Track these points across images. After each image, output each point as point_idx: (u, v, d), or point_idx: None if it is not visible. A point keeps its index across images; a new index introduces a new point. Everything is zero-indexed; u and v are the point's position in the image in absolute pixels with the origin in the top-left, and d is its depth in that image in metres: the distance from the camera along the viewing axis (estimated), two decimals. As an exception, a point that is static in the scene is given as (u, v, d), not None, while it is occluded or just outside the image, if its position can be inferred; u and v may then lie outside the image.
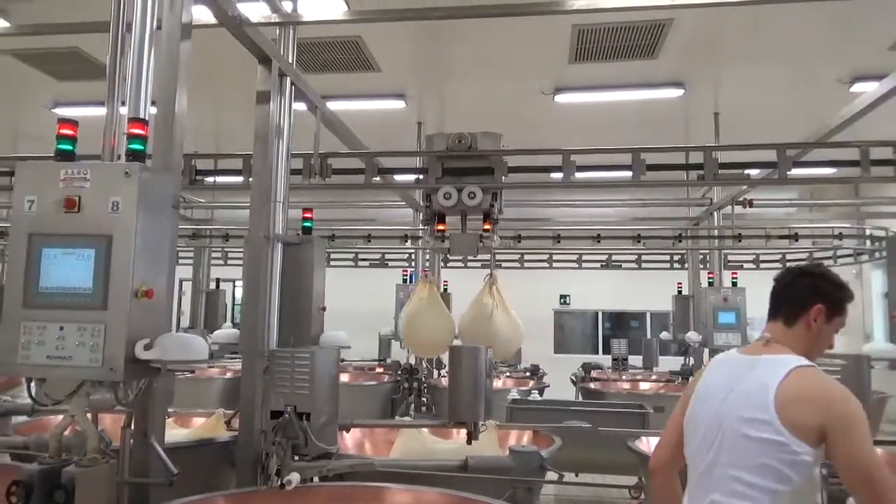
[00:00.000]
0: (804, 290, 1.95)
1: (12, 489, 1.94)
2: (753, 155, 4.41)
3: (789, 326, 1.93)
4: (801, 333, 1.92)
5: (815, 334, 1.92)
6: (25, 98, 7.39)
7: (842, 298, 1.97)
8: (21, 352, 1.94)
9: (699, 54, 5.97)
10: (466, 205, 3.98)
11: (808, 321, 1.91)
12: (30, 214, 1.98)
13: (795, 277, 2.00)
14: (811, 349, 1.93)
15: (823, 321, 1.92)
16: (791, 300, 1.96)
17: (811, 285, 1.95)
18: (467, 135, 4.13)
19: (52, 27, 4.05)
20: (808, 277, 1.98)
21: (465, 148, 4.07)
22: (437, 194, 3.96)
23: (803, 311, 1.92)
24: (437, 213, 4.10)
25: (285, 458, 2.58)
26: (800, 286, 1.97)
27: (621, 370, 8.33)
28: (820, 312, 1.91)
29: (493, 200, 4.09)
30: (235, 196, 8.39)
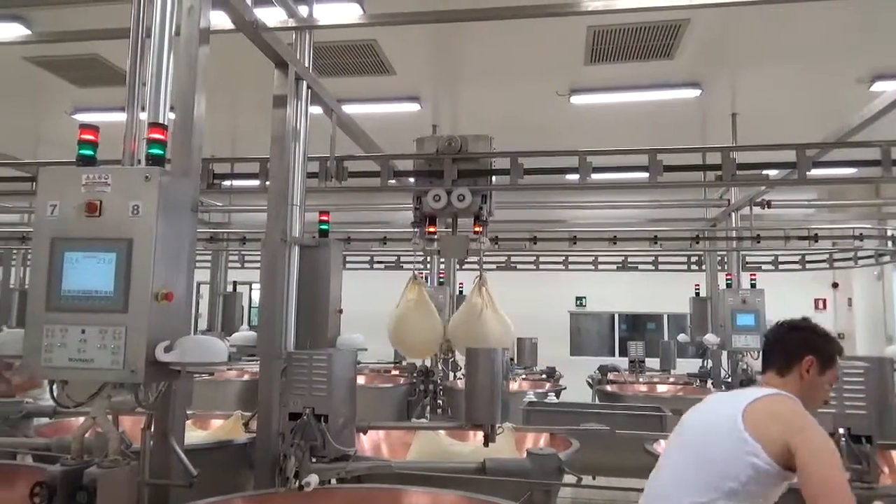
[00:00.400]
0: (795, 343, 2.07)
1: (36, 490, 1.96)
2: (771, 155, 4.37)
3: (782, 377, 2.04)
4: (794, 383, 2.02)
5: (809, 385, 2.02)
6: (46, 104, 7.50)
7: (832, 351, 2.08)
8: (44, 354, 1.97)
9: (716, 54, 5.92)
10: (456, 207, 4.01)
11: (801, 372, 2.02)
12: (52, 219, 2.00)
13: (786, 332, 2.13)
14: (806, 400, 1.99)
15: (816, 373, 2.02)
16: (783, 353, 2.07)
17: (801, 339, 2.08)
18: (457, 137, 4.17)
19: (72, 34, 4.13)
20: (798, 331, 2.11)
21: (454, 150, 4.11)
22: (427, 196, 4.00)
23: (795, 362, 2.03)
24: (428, 215, 4.13)
25: (304, 459, 2.59)
26: (791, 339, 2.09)
27: (638, 372, 8.27)
28: (811, 364, 2.02)
29: (482, 203, 4.11)
30: (252, 199, 8.44)
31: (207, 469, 2.34)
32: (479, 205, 4.09)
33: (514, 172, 4.15)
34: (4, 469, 2.88)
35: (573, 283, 12.40)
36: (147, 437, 2.19)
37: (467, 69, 6.44)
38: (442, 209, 4.01)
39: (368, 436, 3.79)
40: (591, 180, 4.16)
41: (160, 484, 2.24)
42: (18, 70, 6.36)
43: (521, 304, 12.10)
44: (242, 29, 3.00)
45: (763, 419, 1.86)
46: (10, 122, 8.16)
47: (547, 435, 4.00)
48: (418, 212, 4.16)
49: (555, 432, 3.95)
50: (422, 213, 4.13)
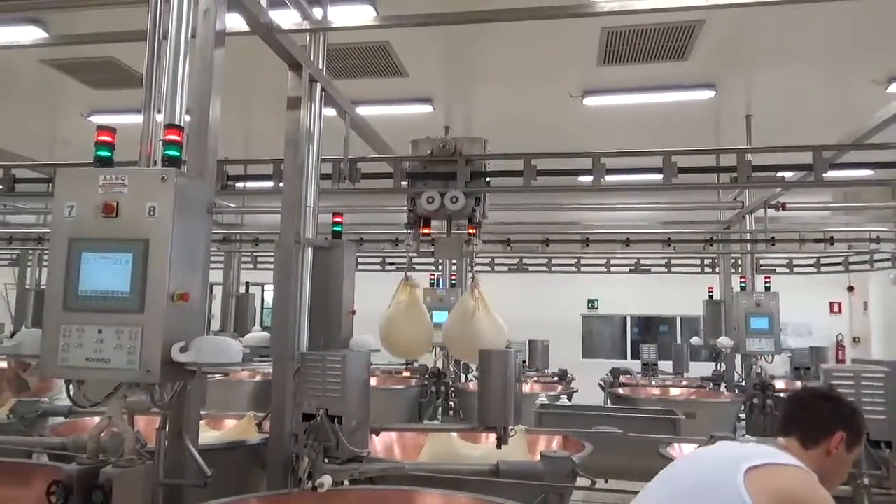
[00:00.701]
0: (826, 415, 1.90)
1: (52, 489, 1.97)
2: (786, 157, 4.33)
3: (807, 449, 1.86)
4: (819, 459, 1.84)
5: (835, 462, 1.86)
6: (62, 106, 7.58)
7: (861, 428, 1.93)
8: (61, 354, 1.98)
9: (731, 55, 5.88)
10: (449, 209, 4.02)
11: (829, 448, 1.85)
12: (70, 220, 2.02)
13: (815, 399, 1.96)
14: (828, 477, 1.83)
15: (844, 450, 1.87)
16: (812, 424, 1.89)
17: (834, 411, 1.91)
18: (451, 140, 4.19)
19: (89, 37, 4.15)
20: (829, 402, 1.94)
21: (448, 152, 4.13)
22: (420, 198, 4.02)
23: (824, 436, 1.86)
24: (422, 216, 4.15)
25: (317, 460, 2.60)
26: (821, 410, 1.91)
27: (651, 375, 8.22)
28: (841, 440, 1.86)
29: (475, 205, 4.12)
30: (265, 201, 8.48)
31: (220, 469, 2.34)
32: (473, 207, 4.10)
33: (527, 174, 4.14)
34: (21, 468, 2.90)
35: (585, 286, 12.37)
36: (162, 436, 2.20)
37: (480, 71, 6.44)
38: (436, 211, 4.03)
39: (381, 437, 3.79)
40: (605, 182, 4.15)
41: (174, 484, 2.25)
42: (35, 73, 6.43)
43: (533, 307, 12.20)
44: (257, 31, 3.01)
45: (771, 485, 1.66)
46: (26, 124, 8.24)
47: (560, 438, 3.99)
48: (412, 213, 4.19)
49: (567, 435, 3.94)
50: (416, 215, 4.15)
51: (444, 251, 4.24)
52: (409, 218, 4.20)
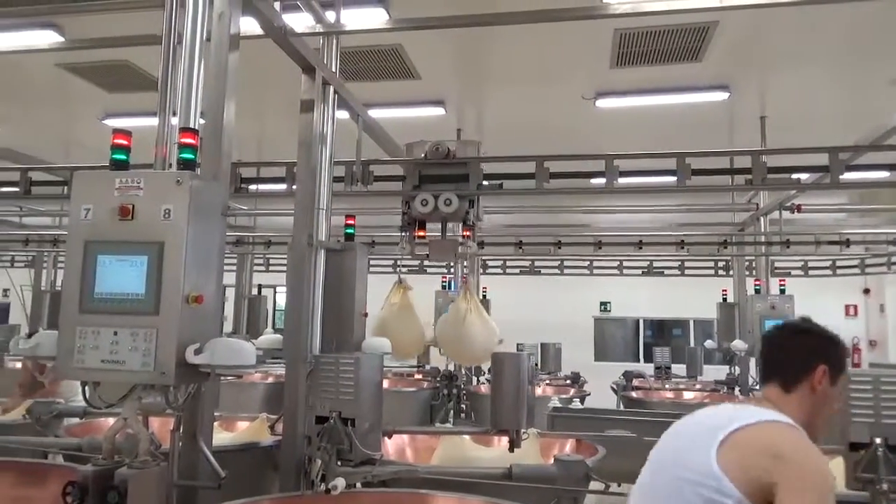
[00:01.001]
0: (804, 351, 1.79)
1: (68, 489, 1.99)
2: (801, 159, 4.30)
3: (788, 392, 1.76)
4: (804, 398, 1.75)
5: (822, 399, 1.77)
6: (77, 109, 7.65)
7: (842, 356, 1.83)
8: (76, 356, 1.99)
9: (745, 57, 5.84)
10: (443, 211, 4.03)
11: (813, 384, 1.75)
12: (86, 222, 2.03)
13: (790, 337, 1.85)
14: (816, 416, 1.76)
15: (828, 384, 1.77)
16: (789, 362, 1.79)
17: (811, 345, 1.80)
18: (446, 143, 4.21)
19: (104, 41, 4.19)
20: (803, 335, 1.83)
21: (441, 156, 4.14)
22: (415, 201, 4.03)
23: (805, 373, 1.76)
24: (416, 219, 4.17)
25: (330, 463, 2.60)
26: (798, 346, 1.81)
27: (664, 379, 8.17)
28: (824, 374, 1.76)
29: (469, 207, 4.13)
30: (277, 203, 8.52)
31: (233, 471, 2.35)
32: (467, 209, 4.12)
33: (540, 176, 4.13)
34: (37, 468, 2.93)
35: (598, 288, 12.32)
36: (176, 438, 2.21)
37: (492, 73, 6.43)
38: (429, 213, 4.04)
39: (393, 440, 3.79)
40: (618, 184, 4.13)
41: (188, 485, 2.26)
42: (51, 76, 6.50)
43: (545, 309, 12.18)
44: (271, 34, 3.02)
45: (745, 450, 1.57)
46: (42, 127, 8.33)
47: (572, 441, 3.97)
48: (406, 216, 4.20)
49: (580, 438, 3.92)
50: (410, 217, 4.17)
51: (439, 253, 4.25)
52: (403, 220, 4.22)
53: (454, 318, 4.17)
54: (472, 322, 4.17)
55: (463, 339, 4.08)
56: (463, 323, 4.12)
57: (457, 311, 4.20)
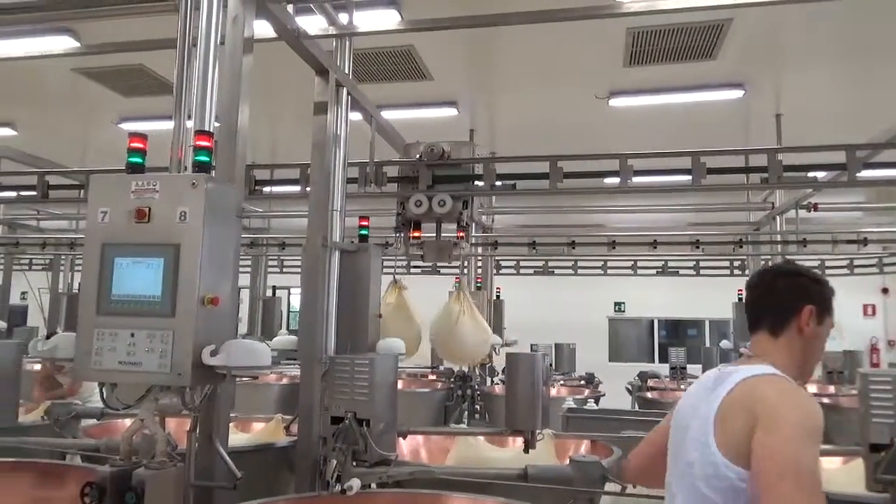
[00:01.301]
0: (788, 292, 1.76)
1: (86, 490, 2.00)
2: (818, 157, 4.25)
3: (776, 336, 1.75)
4: (793, 341, 1.73)
5: (809, 339, 1.74)
6: (93, 114, 7.73)
7: (827, 296, 1.79)
8: (94, 357, 2.00)
9: (760, 54, 5.80)
10: (436, 212, 4.04)
11: (800, 325, 1.73)
12: (103, 225, 2.04)
13: (773, 279, 1.81)
14: (807, 357, 1.76)
15: (815, 323, 1.74)
16: (775, 306, 1.76)
17: (794, 285, 1.77)
18: (441, 144, 4.23)
19: (119, 46, 4.23)
20: (787, 277, 1.80)
21: (436, 157, 4.17)
22: (409, 202, 4.05)
23: (791, 315, 1.73)
24: (411, 220, 4.18)
25: (346, 463, 2.60)
26: (780, 289, 1.78)
27: (680, 379, 8.11)
28: (811, 314, 1.73)
29: (463, 208, 4.14)
30: (291, 205, 8.55)
31: (249, 471, 2.36)
32: (460, 210, 4.12)
33: (553, 176, 4.12)
34: (55, 469, 2.95)
35: (612, 288, 12.27)
36: (193, 439, 2.22)
37: (504, 73, 6.43)
38: (424, 214, 4.06)
39: (407, 441, 3.79)
40: (632, 183, 4.11)
41: (205, 486, 2.27)
42: (67, 81, 6.57)
43: (559, 309, 12.14)
44: (284, 37, 3.04)
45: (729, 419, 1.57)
46: (59, 132, 8.42)
47: (588, 442, 3.94)
48: (400, 217, 4.21)
49: (595, 439, 3.90)
50: (404, 218, 4.18)
51: (433, 254, 4.27)
52: (397, 221, 4.23)
53: (447, 318, 4.20)
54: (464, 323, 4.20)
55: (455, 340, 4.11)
56: (455, 323, 4.14)
57: (449, 311, 4.22)
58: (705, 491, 1.58)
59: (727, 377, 1.70)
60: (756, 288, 1.84)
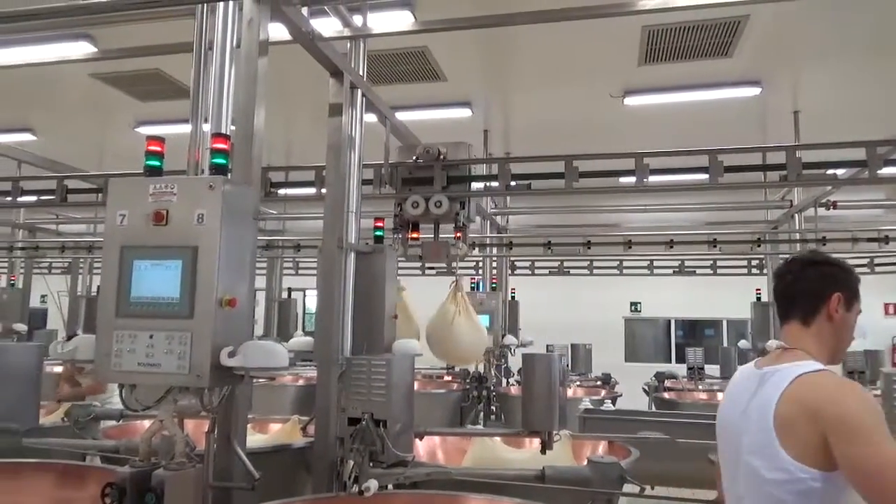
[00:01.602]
0: (816, 281, 1.80)
1: (106, 490, 2.02)
2: (838, 154, 4.19)
3: (807, 325, 1.79)
4: (823, 328, 1.78)
5: (839, 325, 1.78)
6: (110, 118, 7.81)
7: (854, 282, 1.83)
8: (114, 359, 2.03)
9: (777, 51, 5.73)
10: (433, 213, 4.06)
11: (829, 312, 1.77)
12: (122, 228, 2.07)
13: (801, 269, 1.85)
14: (837, 343, 1.79)
15: (844, 310, 1.78)
16: (805, 294, 1.81)
17: (822, 274, 1.81)
18: (436, 146, 4.25)
19: (136, 51, 4.26)
20: (814, 266, 1.84)
21: (433, 158, 4.18)
22: (406, 203, 4.06)
23: (821, 303, 1.77)
24: (409, 221, 4.19)
25: (363, 464, 2.60)
26: (809, 277, 1.82)
27: (697, 379, 8.05)
28: (839, 301, 1.77)
29: (459, 209, 4.14)
30: (306, 207, 8.59)
31: (266, 472, 2.37)
32: (457, 211, 4.14)
33: (569, 176, 4.10)
34: (76, 470, 2.99)
35: (628, 288, 12.20)
36: (211, 440, 2.23)
37: (518, 73, 6.41)
38: (421, 215, 4.08)
39: (424, 442, 3.79)
40: (649, 182, 4.07)
41: (223, 486, 2.28)
42: (85, 86, 6.64)
43: (575, 310, 12.08)
44: (299, 40, 3.04)
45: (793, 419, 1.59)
46: (77, 136, 8.52)
47: (605, 443, 3.92)
48: (398, 218, 4.22)
49: (613, 440, 3.87)
50: (402, 220, 4.19)
51: (431, 255, 4.28)
52: (395, 223, 4.25)
53: (442, 319, 4.20)
54: (459, 323, 4.19)
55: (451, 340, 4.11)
56: (451, 324, 4.14)
57: (445, 312, 4.22)
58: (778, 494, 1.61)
59: (771, 376, 1.72)
60: (785, 277, 1.87)
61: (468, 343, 4.10)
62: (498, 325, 7.26)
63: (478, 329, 4.31)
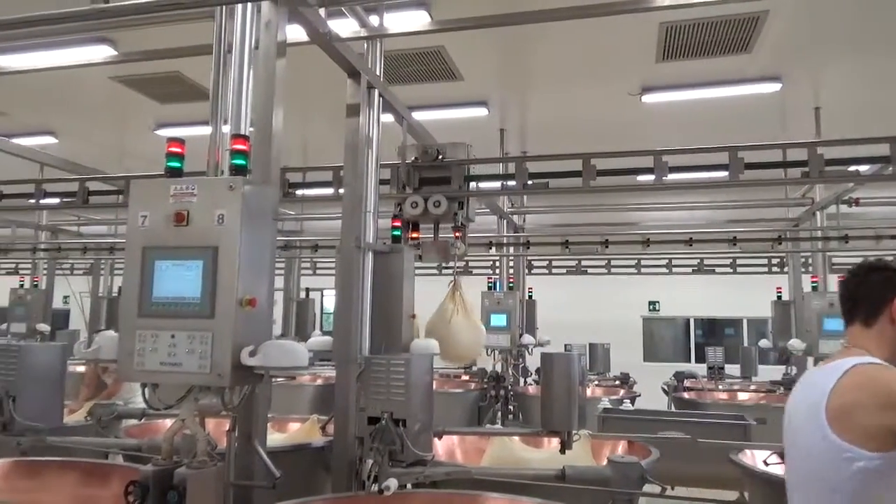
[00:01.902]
0: (879, 286, 1.92)
1: (129, 488, 2.04)
2: (860, 150, 4.13)
3: (869, 326, 1.90)
4: (884, 330, 1.88)
5: None
6: (131, 121, 7.90)
7: None
8: (136, 358, 2.04)
9: (797, 46, 5.66)
10: (432, 213, 4.07)
11: (891, 315, 1.87)
12: (143, 229, 2.08)
13: (866, 274, 1.97)
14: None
15: None
16: (867, 298, 1.92)
17: (885, 279, 1.92)
18: (435, 146, 4.26)
19: (157, 53, 4.31)
20: (879, 272, 1.95)
21: (431, 158, 4.19)
22: (405, 203, 4.07)
23: (882, 305, 1.88)
24: (408, 221, 4.20)
25: (383, 463, 2.61)
26: (873, 282, 1.93)
27: (717, 379, 7.98)
28: None
29: (458, 209, 4.15)
30: (322, 208, 8.63)
31: (286, 471, 2.38)
32: (455, 210, 4.15)
33: (587, 174, 4.08)
34: (99, 468, 3.03)
35: (646, 287, 12.11)
36: (232, 439, 2.25)
37: (535, 71, 6.39)
38: (420, 215, 4.09)
39: (442, 441, 3.79)
40: (668, 180, 4.04)
41: (244, 485, 2.30)
42: (105, 89, 6.72)
43: (593, 309, 12.02)
44: (317, 41, 3.06)
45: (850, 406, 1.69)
46: (97, 139, 8.63)
47: (624, 443, 3.90)
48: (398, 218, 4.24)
49: (633, 440, 3.85)
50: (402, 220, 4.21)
51: (430, 255, 4.29)
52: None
53: (440, 317, 4.20)
54: (457, 322, 4.20)
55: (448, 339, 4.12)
56: (448, 323, 4.15)
57: (443, 310, 4.24)
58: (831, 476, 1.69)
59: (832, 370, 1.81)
60: (850, 281, 2.00)
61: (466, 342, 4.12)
62: (515, 324, 7.24)
63: (475, 328, 4.33)
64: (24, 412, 3.00)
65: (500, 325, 7.16)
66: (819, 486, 1.73)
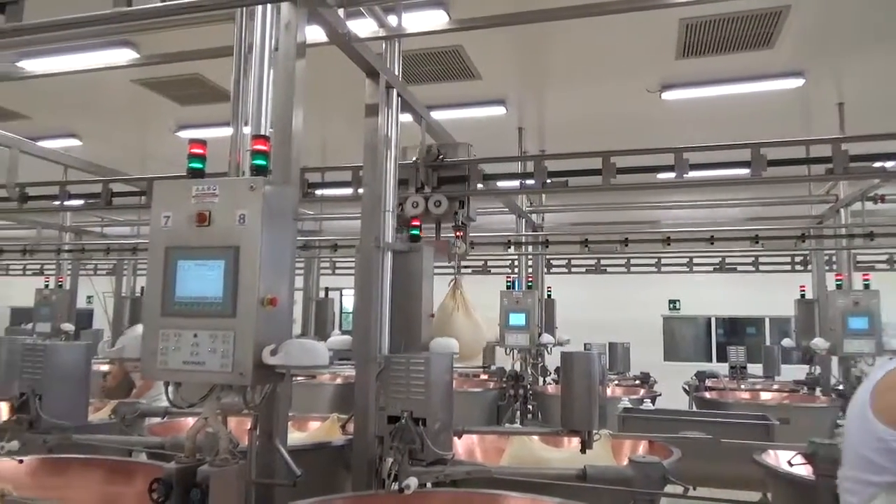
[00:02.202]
0: None
1: (153, 486, 2.06)
2: (885, 146, 4.06)
3: None
4: None
5: None
6: (152, 123, 7.99)
7: None
8: (160, 357, 2.07)
9: (820, 41, 5.58)
10: (433, 213, 4.06)
11: None
12: (166, 229, 2.10)
13: None
14: None
15: None
16: None
17: None
18: (436, 146, 4.25)
19: (177, 56, 4.36)
20: None
21: (433, 158, 4.18)
22: (406, 203, 4.06)
23: None
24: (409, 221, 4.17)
25: (403, 462, 2.61)
26: None
27: (739, 379, 7.89)
28: None
29: (458, 208, 4.14)
30: (342, 207, 8.66)
31: (306, 470, 2.39)
32: (456, 210, 4.14)
33: (606, 172, 4.05)
34: (124, 466, 3.06)
35: (666, 286, 12.01)
36: (254, 437, 2.26)
37: (553, 69, 6.36)
38: (421, 215, 4.08)
39: (462, 440, 3.78)
40: (689, 178, 4.00)
41: (266, 483, 2.31)
42: (127, 92, 6.81)
43: (612, 308, 11.95)
44: (335, 41, 3.07)
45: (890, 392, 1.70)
46: (119, 141, 8.74)
47: (645, 443, 3.87)
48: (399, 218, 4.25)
49: (654, 440, 3.82)
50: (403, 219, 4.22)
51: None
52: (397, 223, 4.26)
53: (441, 314, 4.20)
54: (457, 319, 4.20)
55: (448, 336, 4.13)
56: (449, 321, 4.15)
57: (444, 307, 4.24)
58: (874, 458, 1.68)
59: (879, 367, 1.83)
60: None
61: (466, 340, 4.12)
62: (534, 323, 7.22)
63: (476, 326, 4.33)
64: (51, 410, 3.05)
65: (518, 324, 7.14)
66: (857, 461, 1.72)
